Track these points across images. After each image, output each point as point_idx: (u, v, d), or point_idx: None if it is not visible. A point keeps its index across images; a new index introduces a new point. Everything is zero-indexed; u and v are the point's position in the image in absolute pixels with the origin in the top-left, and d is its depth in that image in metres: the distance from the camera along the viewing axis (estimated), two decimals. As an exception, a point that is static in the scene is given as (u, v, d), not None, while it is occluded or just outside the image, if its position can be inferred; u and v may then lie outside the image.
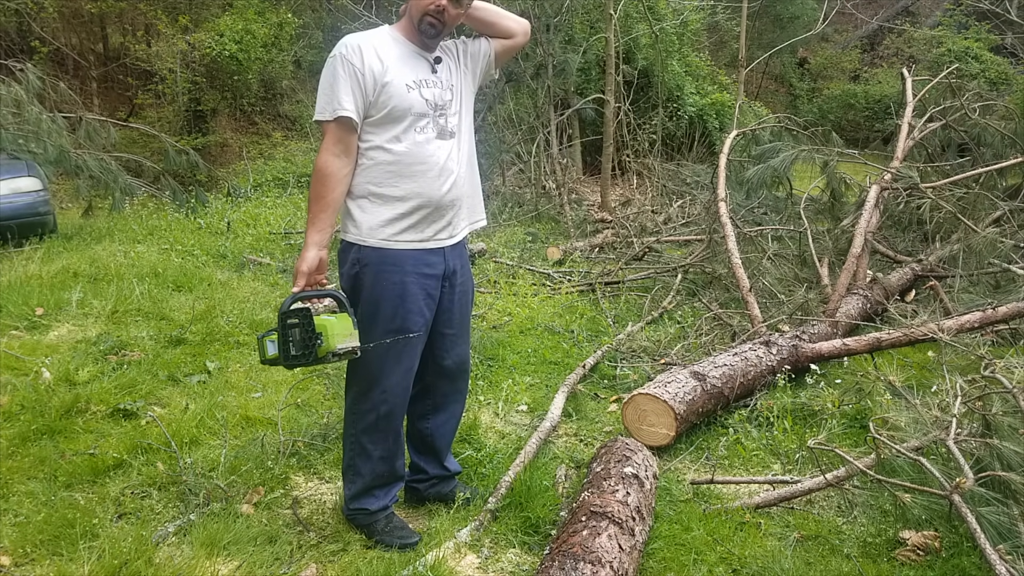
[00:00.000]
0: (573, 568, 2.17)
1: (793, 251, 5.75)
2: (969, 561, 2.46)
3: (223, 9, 12.87)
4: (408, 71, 2.47)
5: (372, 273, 2.48)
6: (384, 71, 2.41)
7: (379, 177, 2.45)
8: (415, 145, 2.46)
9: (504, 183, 10.08)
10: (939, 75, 6.53)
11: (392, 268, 2.47)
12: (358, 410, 2.61)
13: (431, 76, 2.52)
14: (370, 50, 2.42)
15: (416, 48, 2.52)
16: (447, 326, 2.66)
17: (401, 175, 2.45)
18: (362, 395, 2.59)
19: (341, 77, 2.38)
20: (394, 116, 2.43)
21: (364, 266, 2.49)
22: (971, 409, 2.86)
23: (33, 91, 7.30)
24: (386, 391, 2.55)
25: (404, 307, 2.49)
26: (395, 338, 2.47)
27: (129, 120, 11.88)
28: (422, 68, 2.51)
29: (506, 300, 5.77)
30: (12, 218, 7.17)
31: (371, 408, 2.58)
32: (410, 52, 2.50)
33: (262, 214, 8.99)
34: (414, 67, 2.49)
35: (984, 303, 4.45)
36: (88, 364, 4.13)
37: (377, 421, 2.58)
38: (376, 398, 2.56)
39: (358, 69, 2.38)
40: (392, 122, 2.44)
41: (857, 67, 18.24)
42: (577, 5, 9.84)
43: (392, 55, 2.45)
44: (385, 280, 2.47)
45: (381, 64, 2.41)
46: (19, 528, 2.64)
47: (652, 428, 3.33)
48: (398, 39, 2.52)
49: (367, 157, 2.46)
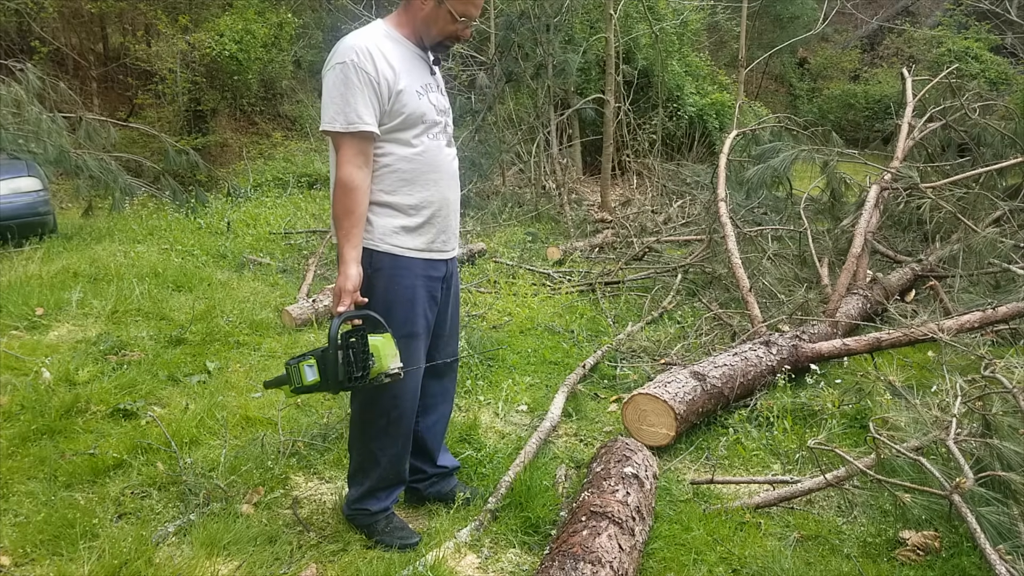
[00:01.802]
0: (573, 568, 2.17)
1: (793, 251, 5.75)
2: (969, 561, 2.46)
3: (223, 9, 12.88)
4: (416, 75, 2.41)
5: (385, 278, 2.45)
6: (396, 78, 2.33)
7: (392, 185, 2.41)
8: (428, 152, 2.43)
9: (504, 183, 10.09)
10: (939, 75, 6.53)
11: (404, 272, 2.44)
12: (366, 418, 2.58)
13: (431, 79, 2.49)
14: (380, 55, 2.32)
15: (415, 49, 2.45)
16: (442, 327, 2.66)
17: (415, 183, 2.42)
18: (370, 402, 2.55)
19: (356, 86, 2.27)
20: (408, 123, 2.38)
21: (377, 270, 2.44)
22: (971, 409, 2.86)
23: (33, 91, 7.30)
24: (396, 396, 2.53)
25: (414, 311, 2.49)
26: (407, 369, 2.42)
27: (129, 120, 11.88)
28: (424, 71, 2.46)
29: (506, 300, 5.77)
30: (12, 218, 7.18)
31: (381, 414, 2.56)
32: (412, 54, 2.44)
33: (262, 214, 8.99)
34: (420, 71, 2.44)
35: (984, 303, 4.45)
36: (88, 364, 4.14)
37: (387, 426, 2.56)
38: (386, 403, 2.54)
39: (373, 78, 2.28)
40: (405, 129, 2.39)
41: (857, 67, 18.25)
42: (577, 5, 9.84)
43: (398, 59, 2.37)
44: (398, 285, 2.44)
45: (393, 71, 2.32)
46: (19, 528, 2.64)
47: (652, 428, 3.33)
48: (398, 39, 2.42)
49: (381, 165, 2.40)
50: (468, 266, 6.88)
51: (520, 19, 9.03)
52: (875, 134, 13.42)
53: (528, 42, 9.12)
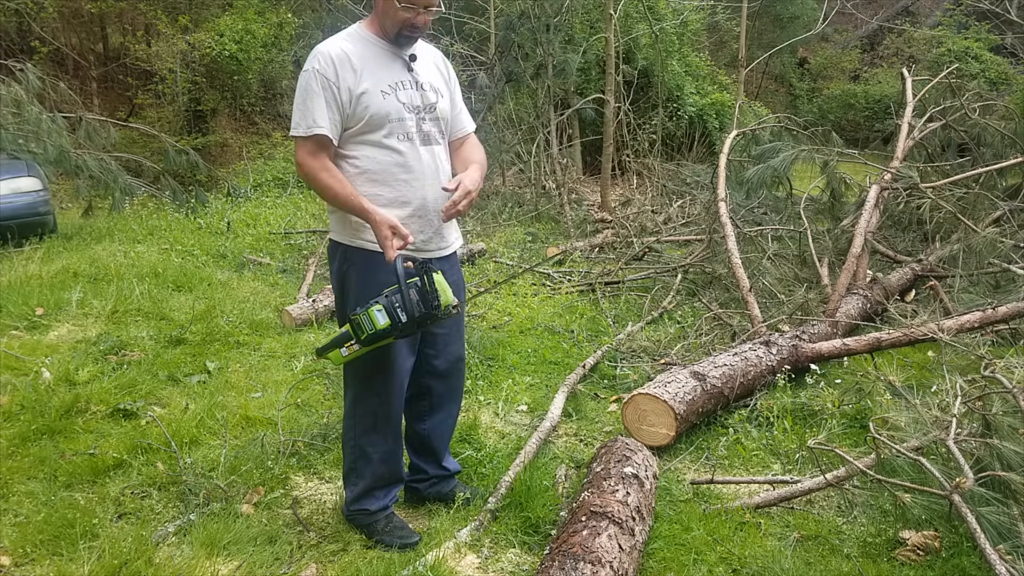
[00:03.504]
0: (573, 568, 2.17)
1: (793, 251, 5.75)
2: (969, 561, 2.46)
3: (223, 9, 12.87)
4: (384, 74, 2.42)
5: (359, 273, 2.48)
6: (359, 80, 2.36)
7: (363, 186, 2.41)
8: (397, 153, 2.43)
9: (504, 183, 10.08)
10: (939, 75, 6.52)
11: (378, 269, 2.43)
12: (356, 414, 2.61)
13: (407, 77, 2.47)
14: (343, 60, 2.37)
15: (388, 47, 2.46)
16: (438, 326, 2.63)
17: (385, 183, 2.43)
18: (359, 399, 2.59)
19: (314, 92, 2.35)
20: (373, 125, 2.40)
21: (351, 265, 2.49)
22: (971, 409, 2.86)
23: (33, 91, 7.30)
24: (380, 394, 2.56)
25: None
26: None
27: (129, 120, 11.88)
28: (397, 69, 2.46)
29: (506, 300, 5.77)
30: (12, 218, 7.18)
31: (369, 411, 2.58)
32: (384, 52, 2.45)
33: (262, 214, 8.99)
34: (390, 69, 2.44)
35: (984, 303, 4.44)
36: (88, 364, 4.14)
37: (376, 423, 2.58)
38: (372, 401, 2.57)
39: (333, 83, 2.35)
40: (371, 131, 2.40)
41: (857, 67, 18.24)
42: (577, 5, 9.84)
43: (366, 59, 2.40)
44: (371, 280, 2.43)
45: (355, 73, 2.36)
46: (19, 528, 2.64)
47: (652, 428, 3.33)
48: (370, 39, 2.46)
49: (352, 166, 2.43)
50: (468, 266, 6.88)
51: (520, 19, 9.03)
52: (875, 134, 13.42)
53: (528, 42, 9.12)
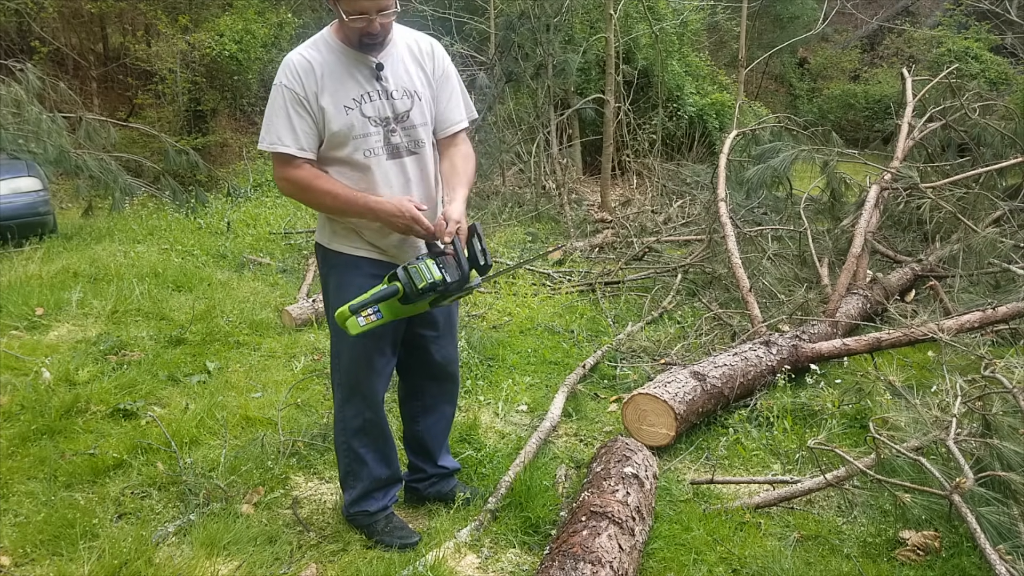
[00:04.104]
0: (573, 568, 2.17)
1: (793, 251, 5.75)
2: (969, 561, 2.46)
3: (223, 9, 12.87)
4: (348, 86, 2.29)
5: (337, 275, 2.50)
6: (321, 93, 2.26)
7: None
8: (364, 169, 2.34)
9: (504, 183, 10.08)
10: (939, 75, 6.52)
11: (355, 272, 2.44)
12: (344, 416, 2.61)
13: (374, 87, 2.33)
14: (308, 72, 2.26)
15: (355, 54, 2.31)
16: (430, 328, 2.63)
17: None
18: (346, 401, 2.60)
19: (279, 107, 2.27)
20: (335, 143, 2.31)
21: (331, 267, 2.52)
22: (971, 409, 2.86)
23: (33, 91, 7.31)
24: (366, 397, 2.56)
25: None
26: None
27: (129, 120, 11.88)
28: (363, 79, 2.32)
29: (506, 300, 5.77)
30: (12, 218, 7.18)
31: (357, 413, 2.59)
32: (350, 61, 2.31)
33: (262, 214, 8.99)
34: (355, 80, 2.31)
35: (984, 303, 4.44)
36: (88, 364, 4.14)
37: (364, 425, 2.59)
38: (359, 404, 2.57)
39: (301, 96, 2.26)
40: (335, 148, 2.33)
41: (857, 67, 18.23)
42: (577, 5, 9.84)
43: (331, 69, 2.28)
44: (348, 283, 2.42)
45: (318, 85, 2.26)
46: (19, 528, 2.65)
47: (652, 428, 3.33)
48: (334, 47, 2.31)
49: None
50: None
51: (520, 19, 9.02)
52: (875, 134, 13.41)
53: (528, 42, 9.11)
